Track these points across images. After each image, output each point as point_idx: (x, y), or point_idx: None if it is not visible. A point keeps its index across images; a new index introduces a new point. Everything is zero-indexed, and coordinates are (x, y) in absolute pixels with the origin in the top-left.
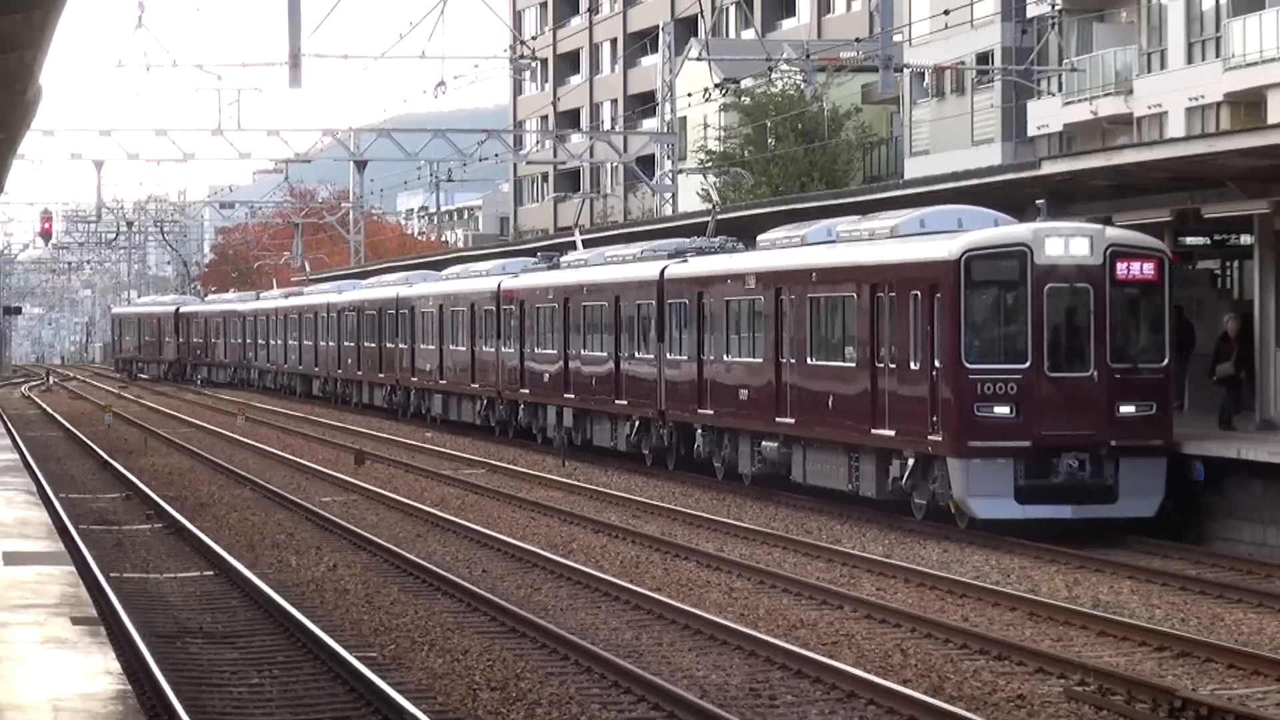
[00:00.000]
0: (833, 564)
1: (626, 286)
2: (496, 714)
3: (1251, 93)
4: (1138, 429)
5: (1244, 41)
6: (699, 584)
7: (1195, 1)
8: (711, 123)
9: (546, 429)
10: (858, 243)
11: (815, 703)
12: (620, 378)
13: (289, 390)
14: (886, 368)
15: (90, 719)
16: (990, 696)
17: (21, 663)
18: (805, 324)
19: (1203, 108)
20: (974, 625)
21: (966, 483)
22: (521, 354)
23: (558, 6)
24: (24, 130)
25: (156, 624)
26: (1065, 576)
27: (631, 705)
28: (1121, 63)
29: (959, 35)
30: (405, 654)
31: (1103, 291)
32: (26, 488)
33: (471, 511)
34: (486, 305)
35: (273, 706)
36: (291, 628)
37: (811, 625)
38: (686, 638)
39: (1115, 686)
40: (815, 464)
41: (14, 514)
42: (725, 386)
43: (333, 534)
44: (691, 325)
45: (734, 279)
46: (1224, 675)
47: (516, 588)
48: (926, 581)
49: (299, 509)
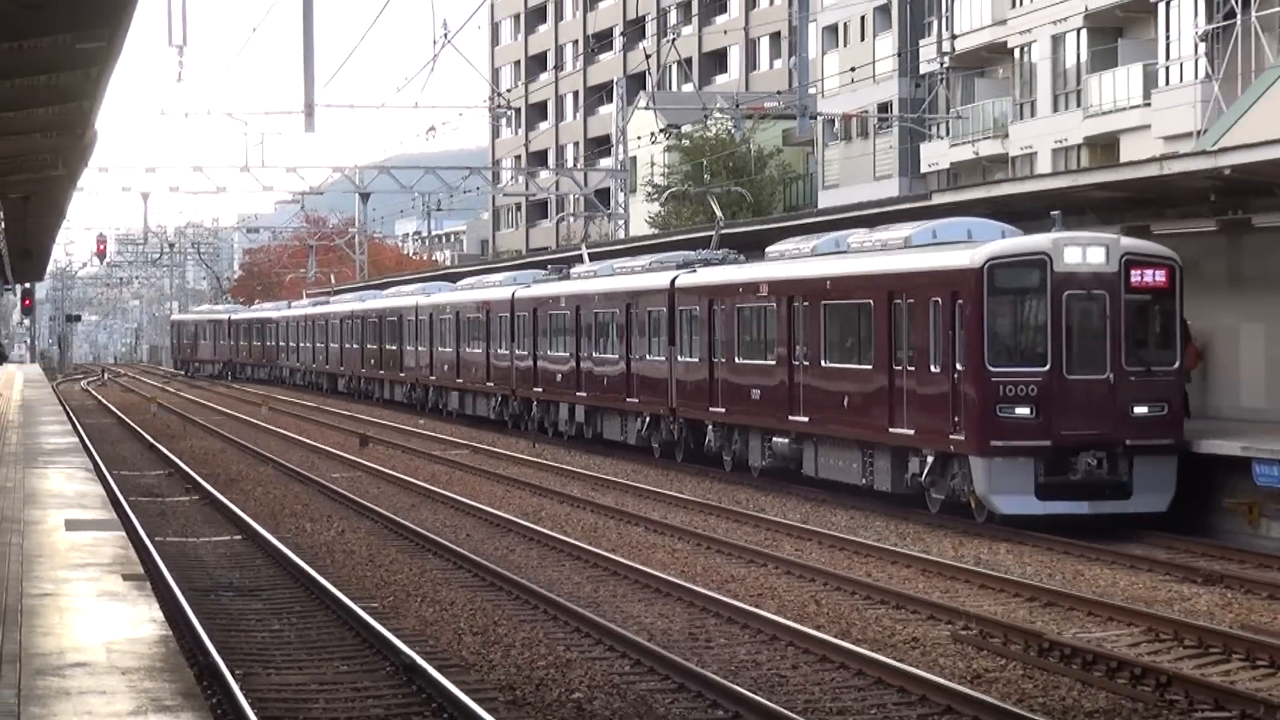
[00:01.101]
0: (758, 529)
1: (637, 294)
2: (478, 654)
3: (1107, 136)
4: (1151, 429)
5: (1100, 94)
6: (647, 546)
7: (1060, 59)
8: (657, 161)
9: (559, 423)
10: (872, 253)
11: (744, 644)
12: (631, 377)
13: (317, 387)
14: (904, 370)
15: (137, 659)
16: (889, 639)
17: (80, 612)
18: (819, 329)
19: (1066, 149)
20: (876, 580)
21: (989, 480)
22: (535, 356)
23: (529, 64)
24: (82, 167)
25: (193, 580)
26: (952, 539)
27: (590, 647)
28: (999, 111)
29: (863, 88)
30: (402, 604)
31: (1118, 298)
32: (85, 466)
33: (457, 485)
34: (501, 312)
35: (291, 648)
36: (307, 583)
37: (740, 580)
38: (636, 590)
39: (993, 631)
40: (827, 459)
41: (74, 488)
42: (736, 386)
43: (341, 504)
44: (702, 330)
45: (746, 287)
46: (1084, 621)
47: (494, 549)
48: (836, 544)
49: (313, 483)
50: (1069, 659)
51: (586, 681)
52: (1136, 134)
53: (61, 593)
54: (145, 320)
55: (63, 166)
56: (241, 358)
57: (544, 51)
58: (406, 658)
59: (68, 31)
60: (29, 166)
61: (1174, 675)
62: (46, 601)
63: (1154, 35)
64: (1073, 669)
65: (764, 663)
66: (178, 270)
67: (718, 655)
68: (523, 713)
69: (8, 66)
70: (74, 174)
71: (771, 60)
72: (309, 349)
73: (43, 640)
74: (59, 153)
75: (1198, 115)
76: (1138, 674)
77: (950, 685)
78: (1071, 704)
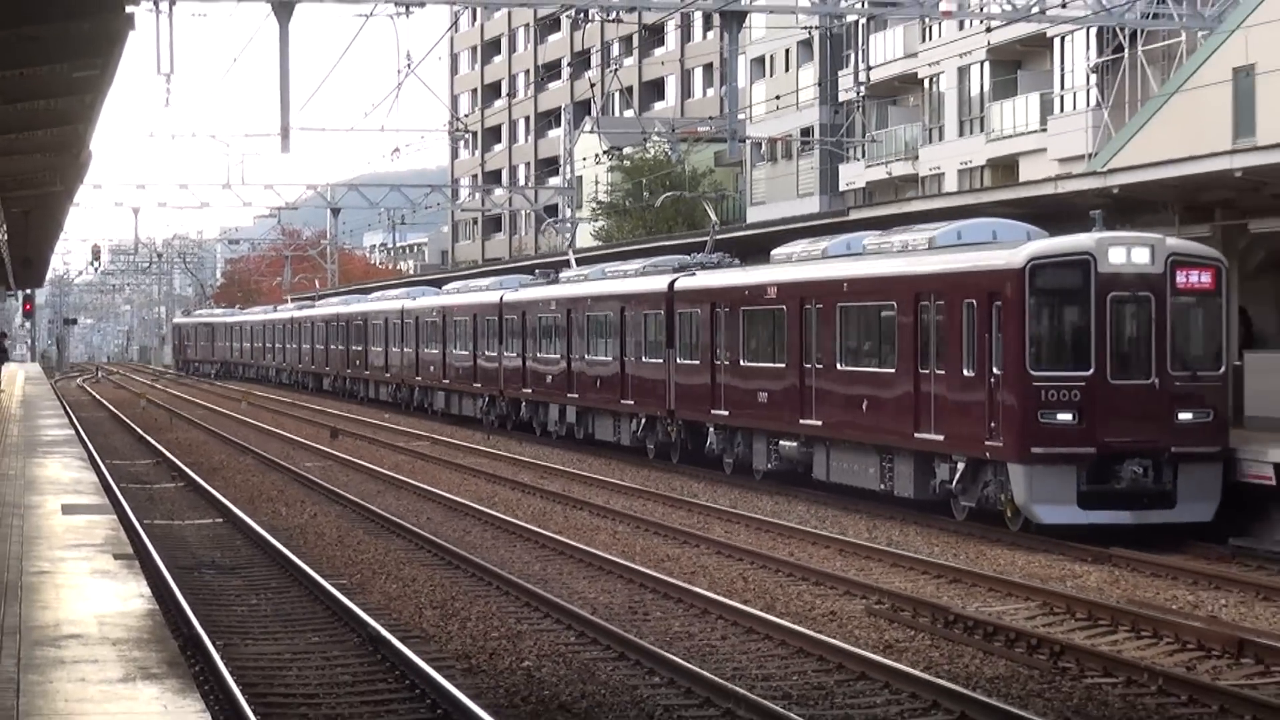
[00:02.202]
0: (691, 513)
1: (632, 298)
2: (437, 626)
3: (1007, 158)
4: (1196, 436)
5: (1001, 120)
6: (591, 528)
7: (965, 89)
8: (601, 180)
9: (548, 424)
10: (892, 255)
11: (678, 618)
12: (626, 379)
13: (303, 386)
14: (933, 373)
15: (127, 631)
16: (810, 613)
17: (75, 589)
18: (835, 332)
19: (971, 169)
20: (798, 559)
21: (1030, 488)
22: (524, 358)
23: (485, 92)
24: (78, 184)
25: (178, 559)
26: (866, 522)
27: (539, 620)
28: (910, 135)
29: (787, 114)
30: (368, 581)
31: (1164, 300)
32: (80, 456)
33: (419, 474)
34: (489, 315)
35: (267, 621)
36: (282, 561)
37: (675, 559)
38: (581, 569)
39: (904, 605)
40: (841, 464)
41: (70, 475)
42: (742, 389)
43: (313, 491)
44: (704, 333)
45: (752, 290)
46: (986, 596)
47: (452, 531)
48: (763, 526)
49: (288, 471)
50: (972, 630)
51: (535, 651)
52: (1034, 156)
53: (58, 571)
54: (136, 323)
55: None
56: (235, 358)
57: (498, 80)
58: (372, 629)
59: (65, 61)
60: (30, 183)
61: (1066, 645)
62: (44, 579)
63: (1050, 67)
64: (975, 639)
65: (696, 634)
66: (165, 278)
67: (654, 627)
68: (478, 679)
69: (10, 92)
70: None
71: (704, 89)
72: (295, 350)
73: (41, 614)
74: (57, 171)
75: (1089, 139)
76: (1034, 644)
77: (864, 654)
78: (974, 671)
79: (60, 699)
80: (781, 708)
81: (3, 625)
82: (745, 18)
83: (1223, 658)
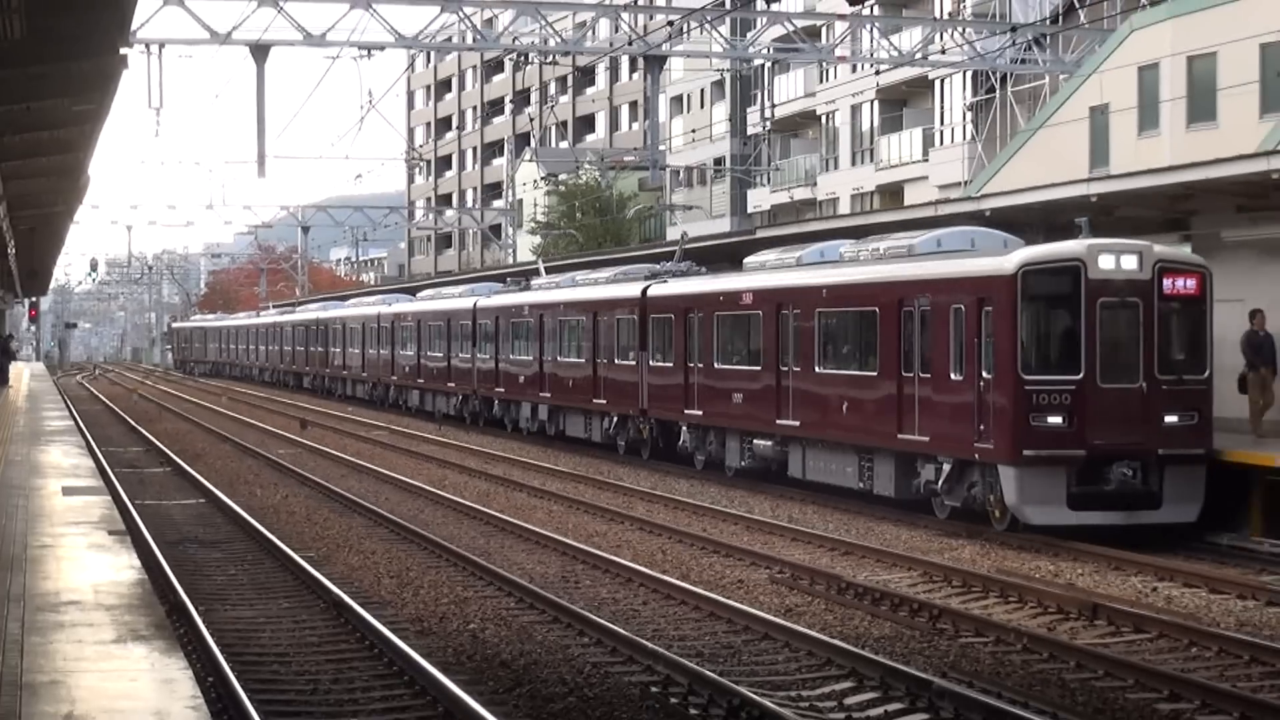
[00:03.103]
0: (616, 494)
1: (605, 304)
2: (394, 593)
3: (894, 184)
4: (1182, 438)
5: (889, 151)
6: (529, 507)
7: (857, 124)
8: (539, 203)
9: (519, 421)
10: (872, 263)
11: (605, 585)
12: (599, 380)
13: (284, 384)
14: (917, 376)
15: (119, 598)
16: (720, 581)
17: (73, 560)
18: (813, 336)
19: (862, 194)
20: (710, 534)
21: (1020, 490)
22: (497, 359)
23: (437, 125)
24: (78, 204)
25: (165, 534)
26: (770, 502)
27: (484, 587)
28: (809, 164)
29: (702, 146)
30: (332, 553)
31: (1151, 305)
32: (78, 444)
33: (378, 460)
34: (463, 320)
35: (244, 589)
36: (256, 537)
37: (603, 534)
38: (520, 543)
39: (802, 574)
40: (819, 463)
41: (70, 461)
42: (716, 390)
43: (285, 474)
44: (678, 336)
45: (726, 296)
46: (874, 567)
47: (408, 510)
48: (680, 506)
49: (262, 458)
50: (861, 596)
51: (479, 615)
52: (917, 183)
53: (58, 545)
54: (129, 327)
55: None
56: (224, 358)
57: (449, 115)
58: (336, 596)
59: (66, 96)
60: (35, 203)
61: (943, 609)
62: (46, 552)
63: (931, 105)
64: (864, 604)
65: (621, 600)
66: (155, 287)
67: (584, 594)
68: (429, 640)
69: (18, 123)
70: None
71: (630, 123)
72: (277, 351)
73: (42, 583)
74: (59, 193)
75: (965, 168)
76: (915, 608)
77: (768, 617)
78: (863, 632)
79: (59, 658)
80: (695, 664)
81: (8, 593)
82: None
83: (1079, 620)
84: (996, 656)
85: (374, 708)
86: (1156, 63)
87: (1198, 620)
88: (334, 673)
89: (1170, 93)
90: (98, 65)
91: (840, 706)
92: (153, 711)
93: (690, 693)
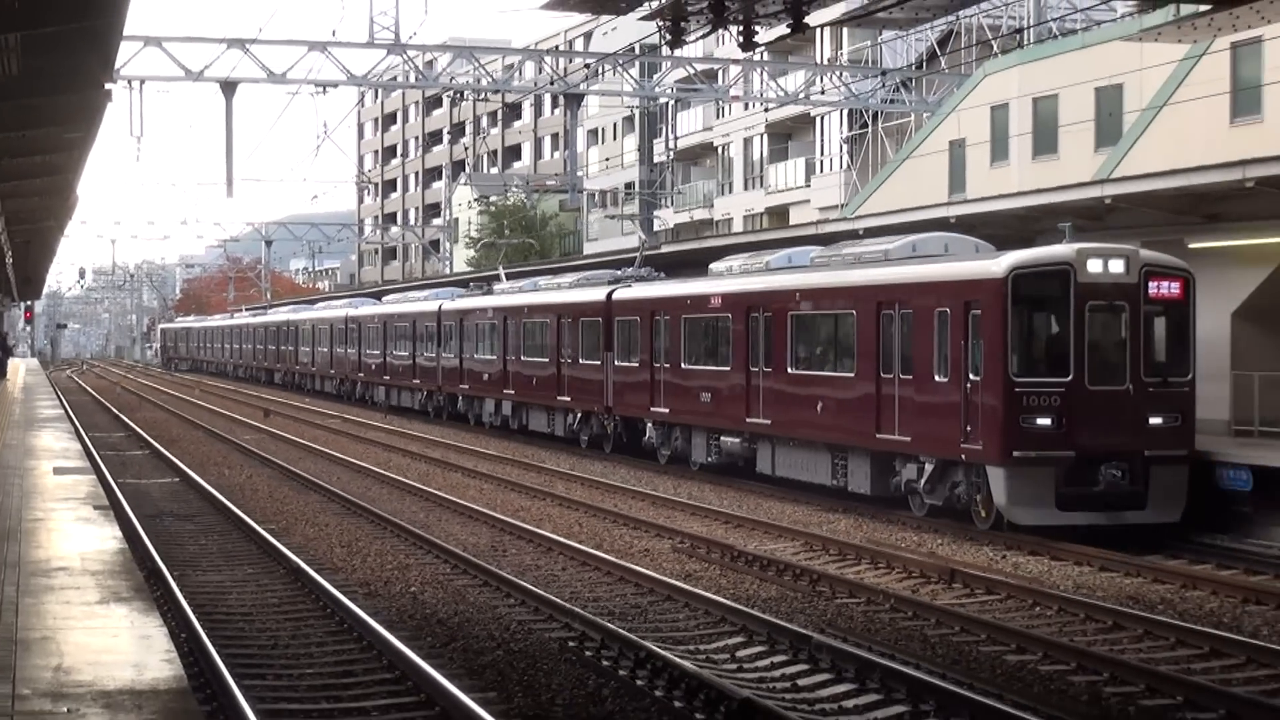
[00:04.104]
0: (540, 474)
1: (570, 307)
2: (345, 561)
3: (781, 207)
4: (1166, 439)
5: (776, 178)
6: (463, 485)
7: (749, 154)
8: (473, 221)
9: (482, 415)
10: (846, 267)
11: (529, 554)
12: (563, 378)
13: (258, 379)
14: (897, 377)
15: (103, 565)
16: (629, 550)
17: (63, 532)
18: (787, 337)
19: (753, 215)
20: (619, 509)
21: (1009, 490)
22: (461, 358)
23: (384, 152)
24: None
25: (145, 509)
26: (673, 480)
27: (423, 555)
28: (707, 189)
29: (614, 172)
30: (291, 526)
31: (1138, 309)
32: (68, 429)
33: (332, 445)
34: (428, 322)
35: (213, 557)
36: (225, 511)
37: (527, 510)
38: (455, 516)
39: (700, 544)
40: (790, 459)
41: (61, 444)
42: (682, 388)
43: (250, 457)
44: (643, 338)
45: (694, 300)
46: (762, 538)
47: (357, 488)
48: (593, 484)
49: (230, 442)
50: (751, 563)
51: (419, 579)
52: (801, 206)
53: (50, 518)
54: (113, 328)
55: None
56: (205, 356)
57: (394, 144)
58: (294, 563)
59: (57, 125)
60: (29, 220)
61: (822, 574)
62: (39, 524)
63: (813, 138)
64: (754, 570)
65: (543, 566)
66: (136, 293)
67: (511, 561)
68: (375, 601)
69: (14, 149)
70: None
71: (552, 152)
72: (250, 349)
73: (35, 552)
74: (51, 210)
75: (842, 193)
76: (797, 573)
77: (670, 581)
78: (753, 593)
79: (50, 617)
80: (607, 622)
81: (5, 560)
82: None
83: (939, 584)
84: (867, 615)
85: (327, 660)
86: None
87: (1040, 584)
88: (292, 630)
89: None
90: (85, 99)
91: (733, 659)
92: (132, 664)
93: (603, 646)
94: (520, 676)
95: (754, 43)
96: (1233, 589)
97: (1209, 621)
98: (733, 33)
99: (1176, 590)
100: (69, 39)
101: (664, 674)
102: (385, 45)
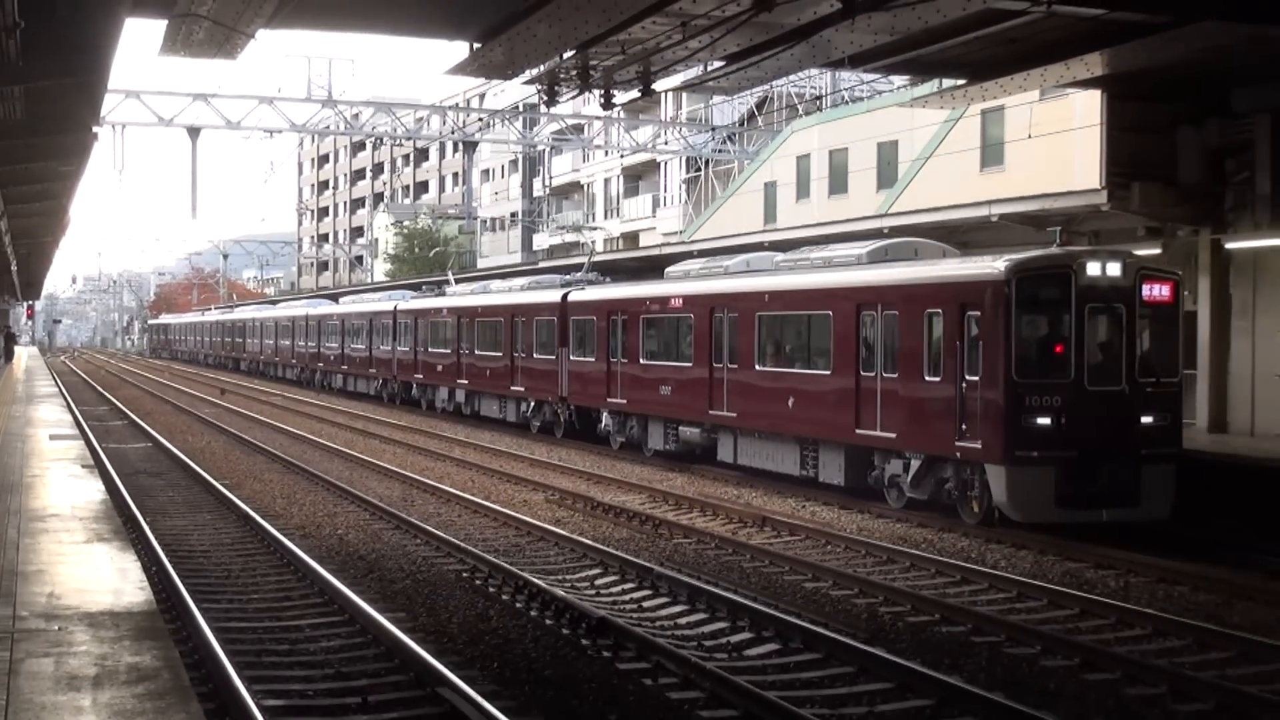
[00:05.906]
0: (442, 442)
1: (525, 308)
2: (284, 510)
3: (633, 233)
4: (1157, 438)
5: (629, 209)
6: (381, 449)
7: (608, 190)
8: (390, 241)
9: (435, 401)
10: (817, 269)
11: (432, 504)
12: (516, 369)
13: (225, 367)
14: (879, 376)
15: (89, 512)
16: (512, 500)
17: (56, 486)
18: (754, 336)
19: (611, 239)
20: (504, 469)
21: (1010, 488)
22: (415, 351)
23: (318, 185)
24: (62, 237)
25: (124, 468)
26: (547, 446)
27: (348, 504)
28: (576, 217)
29: (502, 202)
30: (242, 482)
31: (1133, 311)
32: (62, 404)
33: (276, 417)
34: (384, 320)
35: (179, 507)
36: (188, 470)
37: (431, 469)
38: (373, 474)
39: (568, 496)
40: (754, 449)
41: (55, 416)
42: (641, 380)
43: (209, 426)
44: (599, 335)
45: (653, 300)
46: (616, 491)
47: (298, 453)
48: (486, 451)
49: (193, 415)
50: (607, 511)
51: (345, 524)
52: (649, 232)
53: (45, 475)
54: (100, 324)
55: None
56: (183, 348)
57: (327, 179)
58: (243, 511)
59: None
60: (30, 235)
61: (662, 520)
62: (37, 480)
63: (658, 179)
64: (610, 517)
65: (443, 514)
66: (118, 296)
67: (418, 510)
68: (309, 541)
69: (18, 179)
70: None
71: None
72: (219, 342)
73: (34, 502)
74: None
75: (681, 222)
76: (644, 519)
77: (543, 525)
78: (609, 535)
79: (45, 554)
80: (494, 558)
81: (9, 508)
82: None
83: (753, 527)
84: (698, 551)
85: (270, 588)
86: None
87: (831, 528)
88: (242, 564)
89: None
90: (76, 139)
91: (592, 585)
92: (111, 591)
93: (490, 577)
94: (425, 600)
95: (613, 103)
96: (978, 534)
97: (961, 556)
98: (596, 95)
99: (935, 533)
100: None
101: (538, 598)
102: (320, 101)
